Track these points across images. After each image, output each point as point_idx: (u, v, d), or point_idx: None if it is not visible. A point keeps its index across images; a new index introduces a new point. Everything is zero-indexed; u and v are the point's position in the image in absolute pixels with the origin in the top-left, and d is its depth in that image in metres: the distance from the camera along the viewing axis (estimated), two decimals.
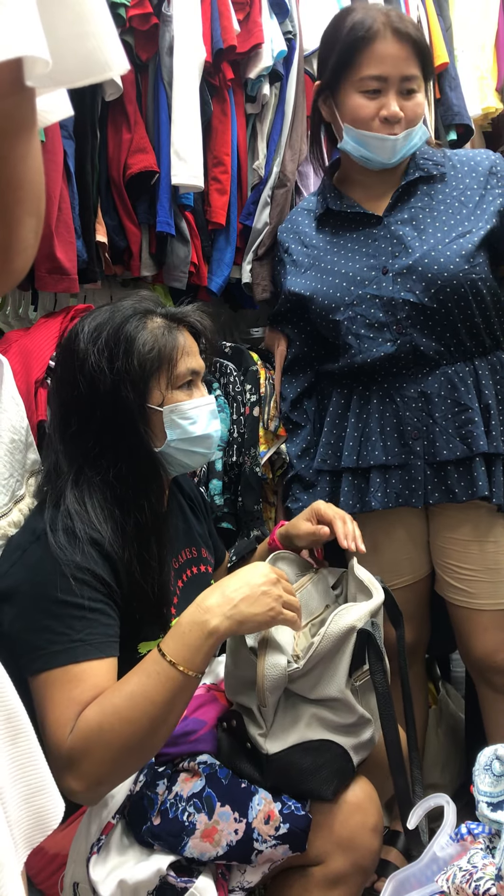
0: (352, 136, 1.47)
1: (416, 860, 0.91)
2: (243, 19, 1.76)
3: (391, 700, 1.06)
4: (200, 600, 1.00)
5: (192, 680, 0.96)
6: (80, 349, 1.10)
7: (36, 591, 1.00)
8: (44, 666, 0.97)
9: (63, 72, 0.50)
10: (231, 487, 1.70)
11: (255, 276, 1.85)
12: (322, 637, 1.04)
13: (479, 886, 0.78)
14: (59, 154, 1.47)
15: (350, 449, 1.51)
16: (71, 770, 0.92)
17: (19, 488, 1.28)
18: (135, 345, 1.10)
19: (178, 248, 1.72)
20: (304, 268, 1.59)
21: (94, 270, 1.63)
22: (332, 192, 1.59)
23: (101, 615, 1.01)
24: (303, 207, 1.68)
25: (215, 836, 1.00)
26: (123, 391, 1.08)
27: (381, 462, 1.49)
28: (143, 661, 0.98)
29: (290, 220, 1.69)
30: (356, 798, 1.08)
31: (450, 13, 2.18)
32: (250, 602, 0.99)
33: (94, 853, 1.01)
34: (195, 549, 1.31)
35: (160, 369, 1.12)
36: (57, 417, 1.13)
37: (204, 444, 1.18)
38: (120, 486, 1.09)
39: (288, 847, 1.01)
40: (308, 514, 1.27)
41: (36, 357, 1.44)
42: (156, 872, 0.98)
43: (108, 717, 0.93)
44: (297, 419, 1.67)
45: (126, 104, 1.62)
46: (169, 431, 1.14)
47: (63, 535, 1.03)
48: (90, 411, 1.09)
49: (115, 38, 0.52)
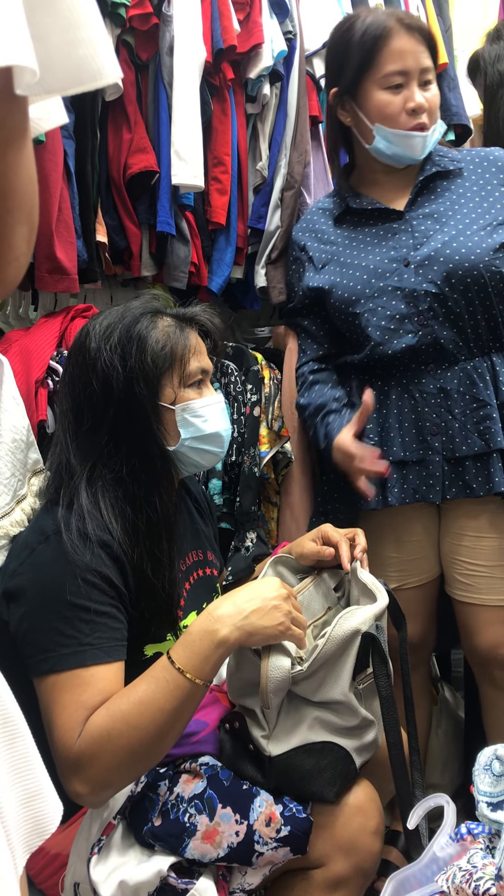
0: (383, 135, 1.49)
1: (416, 860, 0.91)
2: (243, 19, 1.76)
3: (395, 703, 1.07)
4: (212, 609, 1.01)
5: (200, 688, 0.97)
6: (92, 347, 1.10)
7: (45, 592, 1.00)
8: (52, 668, 0.97)
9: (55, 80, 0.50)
10: (231, 487, 1.70)
11: (270, 280, 1.85)
12: (327, 639, 1.04)
13: (479, 886, 0.78)
14: (60, 154, 1.47)
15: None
16: (78, 774, 0.93)
17: (21, 488, 1.28)
18: (147, 342, 1.10)
19: (179, 248, 1.72)
20: (322, 263, 1.60)
21: (95, 270, 1.63)
22: (349, 192, 1.61)
23: (109, 619, 1.01)
24: (318, 207, 1.69)
25: (216, 838, 1.00)
26: (137, 388, 1.09)
27: (399, 458, 1.50)
28: (151, 668, 0.99)
29: (305, 220, 1.70)
30: (358, 801, 1.08)
31: (449, 14, 2.18)
32: (261, 615, 1.00)
33: (94, 853, 1.01)
34: (201, 552, 1.31)
35: (172, 367, 1.12)
36: (69, 416, 1.13)
37: (216, 441, 1.19)
38: (133, 483, 1.09)
39: (289, 849, 1.01)
40: (314, 535, 1.28)
41: (36, 357, 1.44)
42: (156, 873, 0.98)
43: (117, 722, 0.93)
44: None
45: (126, 104, 1.62)
46: (182, 430, 1.14)
47: (74, 537, 1.03)
48: (104, 409, 1.09)
49: (108, 45, 0.52)
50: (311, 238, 1.64)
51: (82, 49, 0.50)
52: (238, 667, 1.10)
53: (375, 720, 1.12)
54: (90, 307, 1.59)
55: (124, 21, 1.56)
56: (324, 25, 1.96)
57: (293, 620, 1.03)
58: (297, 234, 1.68)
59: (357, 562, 1.23)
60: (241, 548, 1.63)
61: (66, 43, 0.49)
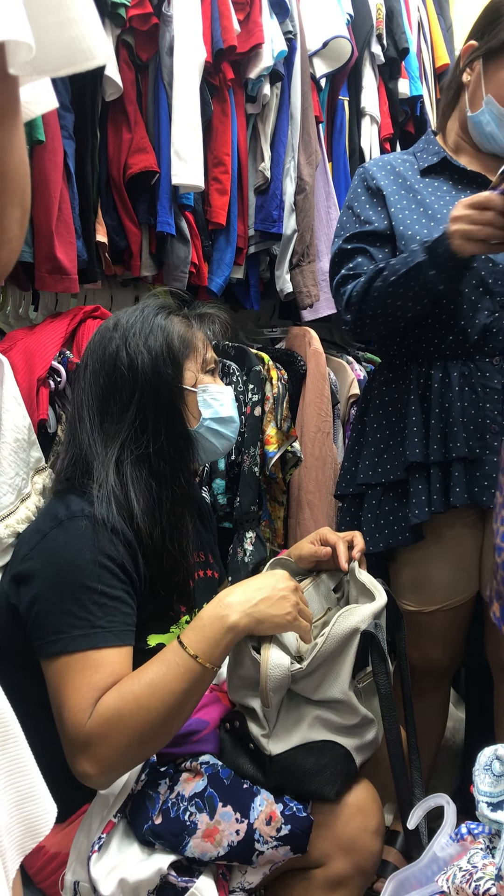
0: (493, 109, 1.41)
1: (417, 860, 0.91)
2: (243, 19, 1.76)
3: (394, 701, 1.07)
4: (223, 596, 1.04)
5: (209, 672, 0.99)
6: (116, 336, 1.16)
7: (59, 574, 1.01)
8: (63, 649, 0.99)
9: (46, 60, 0.49)
10: (233, 487, 1.70)
11: (296, 285, 1.85)
12: (326, 638, 1.04)
13: (479, 886, 0.78)
14: (60, 154, 1.47)
15: (436, 441, 1.41)
16: (87, 754, 0.95)
17: (25, 486, 1.28)
18: (170, 330, 1.17)
19: (179, 248, 1.72)
20: (402, 207, 1.47)
21: (95, 270, 1.63)
22: (445, 149, 1.51)
23: (121, 603, 1.03)
24: (397, 156, 1.57)
25: (216, 837, 1.00)
26: (163, 369, 1.14)
27: (463, 454, 1.40)
28: (162, 652, 1.01)
29: (383, 161, 1.55)
30: (358, 800, 1.08)
31: (450, 13, 2.18)
32: (270, 603, 1.03)
33: (94, 851, 1.01)
34: (203, 554, 1.32)
35: (192, 353, 1.19)
36: (92, 407, 1.16)
37: (230, 426, 1.24)
38: (159, 461, 1.13)
39: (289, 848, 1.01)
40: (312, 538, 1.30)
41: (39, 356, 1.44)
42: (156, 872, 0.98)
43: (128, 703, 0.95)
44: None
45: (126, 104, 1.62)
46: (203, 410, 1.19)
47: (88, 522, 1.05)
48: (131, 392, 1.14)
49: (98, 25, 0.51)
50: (386, 177, 1.51)
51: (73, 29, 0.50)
52: (237, 665, 1.10)
53: (375, 719, 1.12)
54: (98, 308, 1.59)
55: (124, 21, 1.56)
56: (324, 25, 1.96)
57: (300, 612, 1.06)
58: (373, 170, 1.52)
59: (355, 562, 1.24)
60: (240, 549, 1.63)
61: (57, 23, 0.49)
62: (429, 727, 1.64)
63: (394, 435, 1.48)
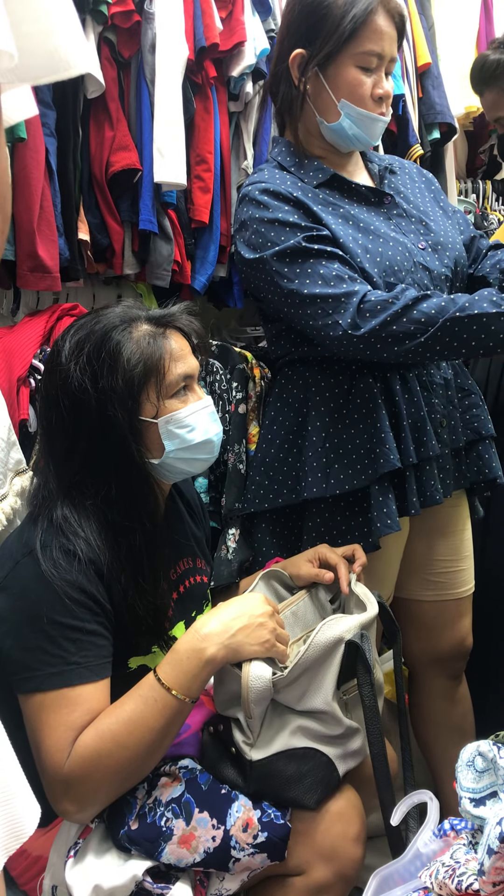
0: (351, 113, 1.36)
1: (400, 856, 0.92)
2: (226, 17, 1.76)
3: (378, 713, 1.06)
4: (199, 627, 1.02)
5: (187, 706, 0.99)
6: (62, 368, 1.06)
7: (30, 609, 0.98)
8: (37, 687, 0.97)
9: (27, 68, 0.49)
10: (217, 486, 1.69)
11: None
12: (308, 645, 1.03)
13: (462, 882, 0.79)
14: (41, 152, 1.46)
15: (411, 443, 1.35)
16: (68, 794, 0.95)
17: (2, 486, 1.27)
18: (119, 361, 1.04)
19: (161, 247, 1.71)
20: (336, 222, 1.35)
21: (77, 268, 1.63)
22: (318, 163, 1.42)
23: (95, 636, 1.00)
24: (274, 176, 1.39)
25: (192, 843, 0.99)
26: (110, 410, 1.04)
27: (436, 453, 1.37)
28: (138, 686, 0.99)
29: (271, 176, 1.39)
30: (338, 808, 1.07)
31: (431, 12, 2.19)
32: (248, 632, 1.02)
33: (70, 856, 1.00)
34: (191, 560, 1.28)
35: (148, 382, 1.06)
36: (44, 438, 1.11)
37: (205, 449, 1.14)
38: (110, 511, 1.06)
39: (266, 856, 1.00)
40: (311, 556, 1.24)
41: (19, 355, 1.43)
42: (132, 878, 0.97)
43: (106, 743, 0.94)
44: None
45: (108, 102, 1.61)
46: (167, 443, 1.09)
47: (57, 553, 1.01)
48: (75, 433, 1.06)
49: (80, 35, 0.52)
50: (299, 191, 1.37)
51: (55, 38, 0.50)
52: (221, 680, 1.08)
53: (362, 730, 1.10)
54: (76, 305, 1.58)
55: (106, 18, 1.55)
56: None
57: (277, 637, 1.05)
58: (275, 182, 1.37)
59: (354, 574, 1.22)
60: (223, 546, 1.62)
61: (39, 32, 0.49)
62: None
63: (342, 444, 1.37)
